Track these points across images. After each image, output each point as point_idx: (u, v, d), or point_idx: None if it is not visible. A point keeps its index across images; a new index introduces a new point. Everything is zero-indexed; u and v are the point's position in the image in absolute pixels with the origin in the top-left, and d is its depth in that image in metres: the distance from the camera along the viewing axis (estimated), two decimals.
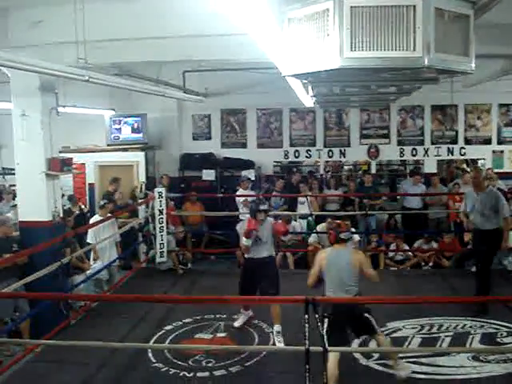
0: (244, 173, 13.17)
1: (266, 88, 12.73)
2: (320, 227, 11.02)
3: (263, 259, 6.92)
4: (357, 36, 3.33)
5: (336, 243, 5.82)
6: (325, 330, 4.97)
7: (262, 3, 3.47)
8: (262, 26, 3.98)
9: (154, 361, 6.30)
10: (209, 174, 13.71)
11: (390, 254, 11.09)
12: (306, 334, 4.17)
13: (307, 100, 10.14)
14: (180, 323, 7.46)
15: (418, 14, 3.29)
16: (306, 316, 4.22)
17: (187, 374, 6.01)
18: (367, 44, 3.32)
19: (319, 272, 5.66)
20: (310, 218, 11.89)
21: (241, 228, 6.95)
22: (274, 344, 6.68)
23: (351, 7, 3.31)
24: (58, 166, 7.98)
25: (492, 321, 7.18)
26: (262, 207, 6.91)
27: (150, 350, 6.55)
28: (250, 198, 11.51)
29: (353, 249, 6.32)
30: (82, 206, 11.91)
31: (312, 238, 10.99)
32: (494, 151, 13.92)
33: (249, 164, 13.76)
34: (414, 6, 3.29)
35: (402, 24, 3.31)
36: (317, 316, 4.22)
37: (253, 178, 13.13)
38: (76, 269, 8.81)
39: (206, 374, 6.01)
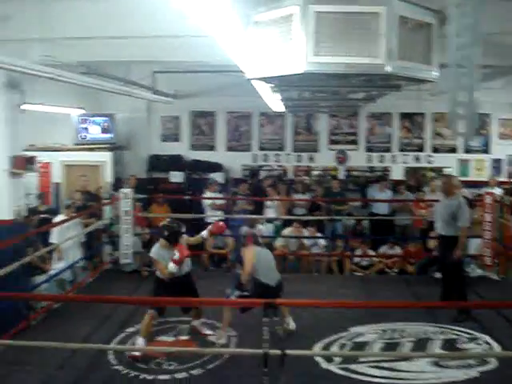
0: (212, 175, 13.16)
1: (235, 91, 12.69)
2: (287, 231, 11.07)
3: (186, 274, 7.03)
4: (321, 41, 3.35)
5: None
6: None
7: (227, 6, 3.47)
8: (227, 28, 3.97)
9: (115, 363, 6.22)
10: (177, 176, 13.68)
11: (356, 259, 11.15)
12: (265, 337, 4.17)
13: (275, 104, 10.16)
14: None
15: (382, 22, 3.33)
16: (265, 319, 4.22)
17: (148, 377, 5.93)
18: (331, 50, 3.35)
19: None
20: (276, 222, 11.92)
21: (157, 254, 6.77)
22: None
23: (316, 13, 3.33)
24: (21, 163, 7.87)
25: (453, 327, 7.26)
26: (182, 229, 7.01)
27: (110, 352, 6.48)
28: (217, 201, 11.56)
29: None
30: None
31: (278, 242, 11.01)
32: (460, 160, 14.13)
33: (217, 167, 13.77)
34: (378, 14, 3.33)
35: (366, 31, 3.34)
36: (276, 319, 4.22)
37: (221, 181, 13.12)
38: (37, 269, 8.69)
39: (167, 376, 5.95)
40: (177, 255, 6.56)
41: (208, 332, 7.07)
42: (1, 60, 5.90)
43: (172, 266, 6.55)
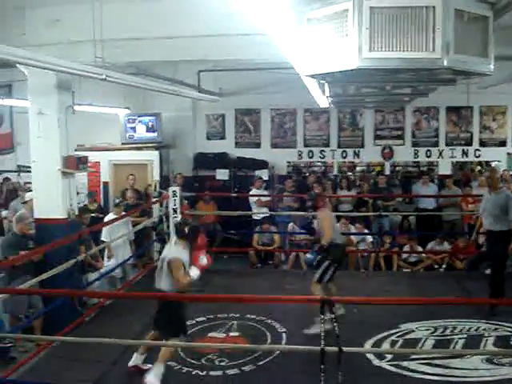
0: (257, 173, 13.20)
1: (280, 88, 12.74)
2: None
3: None
4: (376, 36, 3.32)
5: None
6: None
7: (281, 3, 3.48)
8: (281, 26, 3.98)
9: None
10: (222, 174, 13.73)
11: (404, 256, 11.06)
12: (322, 334, 4.18)
13: (322, 100, 10.13)
14: (193, 322, 7.44)
15: (438, 15, 3.28)
16: (322, 316, 4.23)
17: (200, 373, 6.02)
18: (386, 45, 3.32)
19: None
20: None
21: (180, 257, 5.66)
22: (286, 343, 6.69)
23: (370, 8, 3.31)
24: (73, 163, 8.03)
25: (506, 323, 7.13)
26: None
27: None
28: (265, 198, 11.59)
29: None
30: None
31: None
32: (508, 153, 13.86)
33: (262, 164, 13.77)
34: (434, 7, 3.28)
35: (422, 25, 3.30)
36: (332, 316, 4.22)
37: (266, 178, 13.15)
38: (90, 267, 8.86)
39: (219, 372, 6.02)
40: (205, 260, 5.81)
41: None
42: (53, 62, 6.03)
43: (197, 273, 5.68)
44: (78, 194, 9.64)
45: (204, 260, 5.77)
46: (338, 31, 3.45)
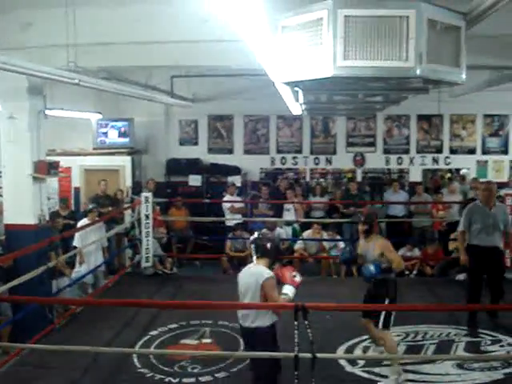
0: (230, 179, 13.20)
1: (253, 94, 12.78)
2: (306, 234, 11.07)
3: None
4: (350, 45, 3.36)
5: None
6: None
7: (255, 10, 3.49)
8: (256, 33, 4.00)
9: (139, 366, 6.26)
10: (195, 180, 13.70)
11: None
12: (296, 340, 4.18)
13: (295, 107, 10.18)
14: (165, 328, 7.43)
15: (411, 25, 3.33)
16: (296, 322, 4.23)
17: (172, 380, 5.97)
18: (360, 53, 3.36)
19: None
20: (295, 225, 11.94)
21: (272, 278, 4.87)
22: None
23: (345, 16, 3.35)
24: (44, 169, 7.95)
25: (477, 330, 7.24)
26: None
27: (135, 356, 6.52)
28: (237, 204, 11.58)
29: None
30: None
31: (298, 245, 11.03)
32: (478, 161, 14.09)
33: (235, 170, 13.78)
34: (407, 17, 3.34)
35: (395, 34, 3.35)
36: (306, 322, 4.22)
37: (239, 184, 13.16)
38: (60, 273, 8.77)
39: (192, 379, 5.98)
40: (298, 276, 4.98)
41: None
42: (25, 66, 5.95)
43: (293, 291, 4.89)
44: (49, 199, 9.56)
45: (297, 277, 4.94)
46: (313, 39, 3.48)
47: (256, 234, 5.08)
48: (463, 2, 3.75)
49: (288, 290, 4.85)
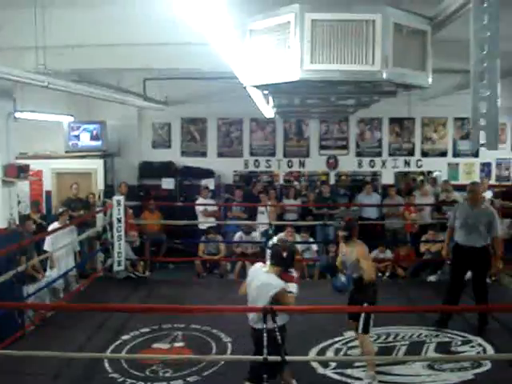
0: (204, 182, 13.17)
1: (226, 97, 12.76)
2: (278, 237, 11.08)
3: None
4: (317, 49, 3.39)
5: None
6: None
7: (223, 14, 3.49)
8: (224, 36, 4.00)
9: (111, 371, 6.22)
10: (168, 183, 13.65)
11: None
12: (265, 343, 4.18)
13: (267, 110, 10.20)
14: (137, 333, 7.38)
15: (377, 29, 3.37)
16: (265, 325, 4.24)
17: None
18: (327, 57, 3.38)
19: None
20: (269, 228, 11.95)
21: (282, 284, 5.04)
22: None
23: (312, 20, 3.37)
24: (14, 172, 7.87)
25: (447, 330, 7.32)
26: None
27: (106, 360, 6.47)
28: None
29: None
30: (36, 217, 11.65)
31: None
32: (449, 164, 14.26)
33: (208, 173, 13.76)
34: (374, 21, 3.37)
35: (362, 38, 3.38)
36: (275, 326, 4.23)
37: (212, 187, 13.14)
38: (31, 278, 8.66)
39: None
40: (294, 273, 5.29)
41: None
42: None
43: (296, 287, 5.21)
44: (19, 203, 9.45)
45: (293, 272, 5.21)
46: (280, 43, 3.50)
47: (275, 240, 5.20)
48: (430, 7, 3.79)
49: (293, 287, 5.09)
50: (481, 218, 7.34)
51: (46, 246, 8.96)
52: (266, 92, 5.96)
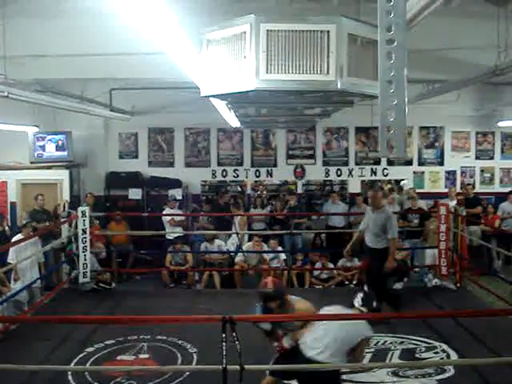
0: (171, 192, 13.13)
1: (193, 107, 12.73)
2: (246, 246, 11.09)
3: None
4: (273, 59, 3.41)
5: None
6: None
7: (179, 24, 3.51)
8: (180, 47, 4.01)
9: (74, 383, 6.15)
10: (135, 193, 13.58)
11: (316, 273, 11.24)
12: (224, 352, 4.18)
13: (233, 120, 10.21)
14: (102, 345, 7.30)
15: (332, 39, 3.41)
16: (224, 335, 4.23)
17: None
18: (283, 67, 3.41)
19: None
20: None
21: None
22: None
23: (267, 31, 3.40)
24: None
25: (411, 336, 7.38)
26: None
27: (70, 373, 6.39)
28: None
29: None
30: (6, 228, 11.50)
31: (238, 258, 11.03)
32: (414, 172, 14.45)
33: (176, 183, 13.72)
34: (328, 32, 3.41)
35: (317, 48, 3.42)
36: (234, 334, 4.23)
37: (180, 198, 13.11)
38: None
39: None
40: None
41: None
42: None
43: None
44: None
45: None
46: (237, 53, 3.52)
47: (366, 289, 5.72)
48: None
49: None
50: (377, 221, 8.06)
51: (10, 258, 8.83)
52: (226, 102, 5.98)
